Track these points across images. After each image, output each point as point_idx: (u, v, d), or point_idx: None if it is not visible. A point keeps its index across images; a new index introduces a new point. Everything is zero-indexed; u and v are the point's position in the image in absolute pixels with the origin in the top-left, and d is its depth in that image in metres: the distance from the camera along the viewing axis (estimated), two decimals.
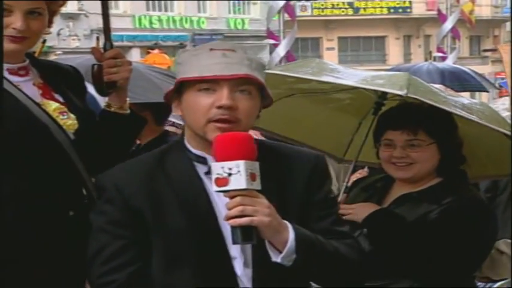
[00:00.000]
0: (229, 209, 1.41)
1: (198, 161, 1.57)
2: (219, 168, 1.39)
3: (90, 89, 2.02)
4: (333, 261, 1.55)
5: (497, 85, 14.24)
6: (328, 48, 32.67)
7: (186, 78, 1.54)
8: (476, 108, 2.19)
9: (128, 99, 1.97)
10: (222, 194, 1.43)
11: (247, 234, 1.41)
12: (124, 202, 1.56)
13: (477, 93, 13.62)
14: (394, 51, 32.99)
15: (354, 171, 2.60)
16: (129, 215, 1.56)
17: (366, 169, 3.04)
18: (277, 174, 1.58)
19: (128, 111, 1.95)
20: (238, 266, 1.55)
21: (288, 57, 16.35)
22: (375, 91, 2.28)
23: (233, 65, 1.53)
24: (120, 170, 1.65)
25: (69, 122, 1.87)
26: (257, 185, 1.42)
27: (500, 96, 9.75)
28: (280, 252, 1.45)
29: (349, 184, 2.35)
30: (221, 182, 1.40)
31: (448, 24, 22.29)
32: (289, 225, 1.48)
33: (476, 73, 9.15)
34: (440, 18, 23.28)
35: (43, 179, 1.79)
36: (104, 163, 1.75)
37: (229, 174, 1.39)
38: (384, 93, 2.24)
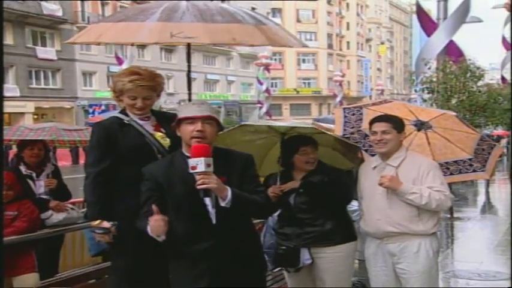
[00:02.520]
0: (197, 180, 2.56)
1: (187, 158, 2.65)
2: (192, 161, 2.57)
3: None
4: (251, 203, 2.72)
5: None
6: (285, 108, 60.39)
7: (181, 117, 2.73)
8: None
9: None
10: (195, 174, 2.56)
11: (206, 192, 2.59)
12: (154, 179, 2.76)
13: None
14: (314, 110, 61.21)
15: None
16: (156, 185, 2.75)
17: None
18: (227, 163, 2.74)
19: None
20: (209, 208, 2.68)
21: (267, 112, 39.50)
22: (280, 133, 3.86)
23: (203, 110, 2.72)
24: (153, 165, 2.88)
25: (166, 141, 3.18)
26: (211, 169, 2.56)
27: None
28: (224, 200, 2.62)
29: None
30: (193, 168, 2.56)
31: (338, 99, 49.59)
32: (229, 188, 2.62)
33: None
34: (334, 96, 51.03)
35: None
36: None
37: (197, 164, 2.55)
38: (284, 134, 3.80)
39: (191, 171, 2.60)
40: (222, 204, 2.65)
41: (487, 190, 14.05)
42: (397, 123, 3.66)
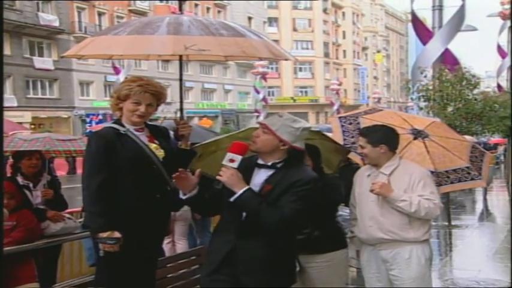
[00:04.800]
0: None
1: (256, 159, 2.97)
2: (225, 155, 2.79)
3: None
4: (260, 211, 2.73)
5: None
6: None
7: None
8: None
9: (188, 142, 3.40)
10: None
11: (223, 184, 2.76)
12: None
13: None
14: (311, 118, 61.10)
15: None
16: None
17: None
18: (285, 176, 2.83)
19: (188, 148, 3.37)
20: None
21: None
22: None
23: (266, 120, 3.01)
24: None
25: (160, 152, 3.25)
26: (233, 164, 2.75)
27: None
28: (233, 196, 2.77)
29: None
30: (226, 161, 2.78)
31: (335, 107, 49.70)
32: (246, 187, 2.76)
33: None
34: (331, 104, 51.11)
35: (146, 179, 3.16)
36: (175, 171, 2.96)
37: (224, 158, 2.78)
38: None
39: (223, 162, 2.80)
40: (231, 199, 2.80)
41: (484, 198, 13.96)
42: (372, 137, 3.66)
